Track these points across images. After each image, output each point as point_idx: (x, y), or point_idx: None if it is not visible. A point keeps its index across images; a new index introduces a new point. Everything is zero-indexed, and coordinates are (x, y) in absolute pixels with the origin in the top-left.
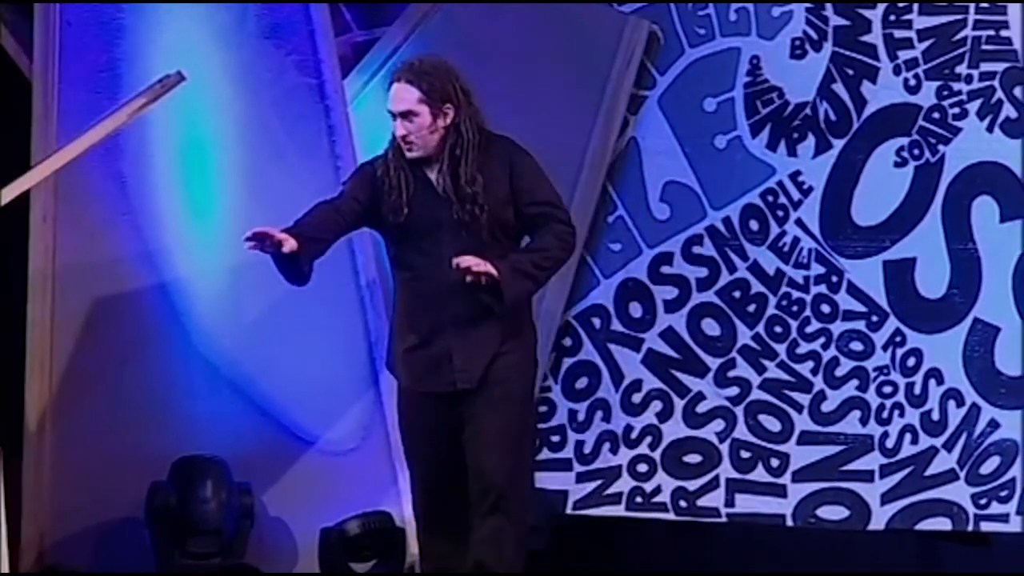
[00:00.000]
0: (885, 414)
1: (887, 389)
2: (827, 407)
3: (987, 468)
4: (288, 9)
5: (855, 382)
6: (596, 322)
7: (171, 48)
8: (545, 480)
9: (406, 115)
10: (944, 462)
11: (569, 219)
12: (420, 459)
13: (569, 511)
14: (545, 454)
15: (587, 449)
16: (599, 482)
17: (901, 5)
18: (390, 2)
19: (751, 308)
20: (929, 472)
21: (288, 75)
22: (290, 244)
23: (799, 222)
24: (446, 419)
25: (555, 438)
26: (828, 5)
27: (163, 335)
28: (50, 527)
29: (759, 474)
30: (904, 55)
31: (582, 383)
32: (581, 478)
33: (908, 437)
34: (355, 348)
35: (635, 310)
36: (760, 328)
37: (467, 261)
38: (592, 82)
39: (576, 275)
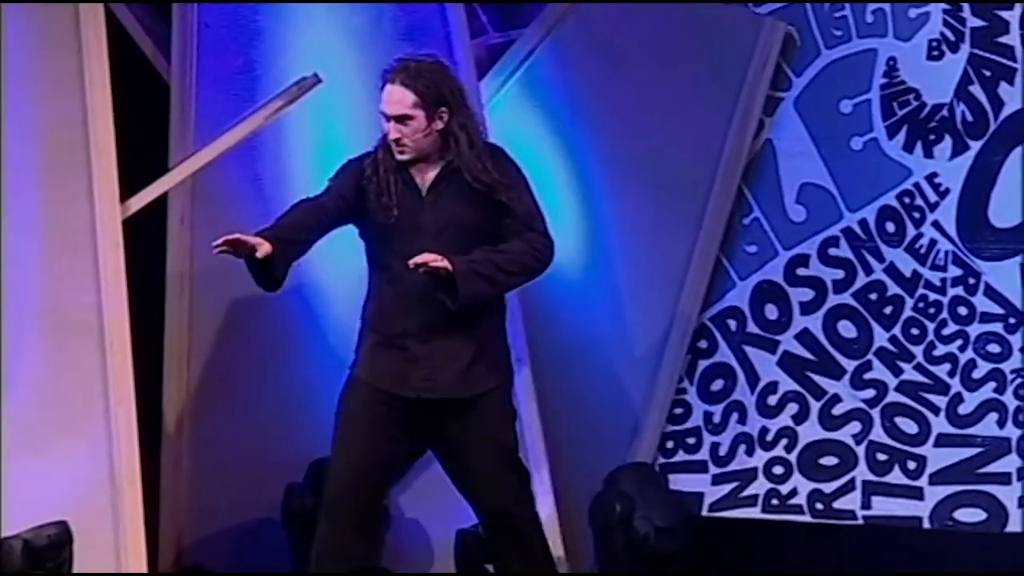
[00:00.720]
0: (1022, 416)
1: None
2: (964, 409)
3: None
4: (424, 11)
5: (992, 384)
6: (732, 324)
7: (308, 50)
8: (680, 482)
9: (400, 118)
10: None
11: (546, 231)
12: (355, 450)
13: (704, 513)
14: (680, 456)
15: (723, 451)
16: (735, 484)
17: None
18: (530, 1)
19: (887, 310)
20: None
21: None
22: (264, 249)
23: (936, 224)
24: (397, 420)
25: (690, 440)
26: (965, 6)
27: (300, 337)
28: (188, 527)
29: (896, 477)
30: None
31: (718, 385)
32: (717, 480)
33: None
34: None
35: (771, 312)
36: (896, 330)
37: (423, 258)
38: (728, 84)
39: (712, 277)
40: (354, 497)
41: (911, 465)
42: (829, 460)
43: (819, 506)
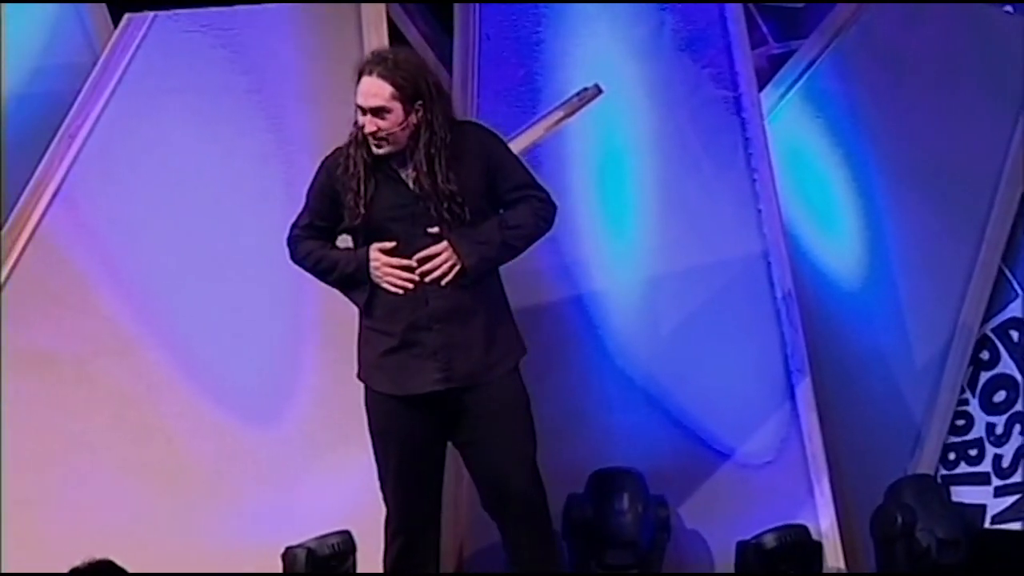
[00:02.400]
0: None
1: None
2: None
3: None
4: (704, 22)
5: None
6: (1014, 335)
7: (588, 61)
8: (962, 494)
9: (377, 111)
10: None
11: (547, 196)
12: (397, 468)
13: (987, 525)
14: (962, 468)
15: (1005, 463)
16: (1018, 496)
17: None
18: (816, 1)
19: None
20: None
21: (704, 88)
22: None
23: None
24: (426, 422)
25: (972, 452)
26: None
27: (579, 347)
28: (469, 537)
29: None
30: None
31: (1000, 396)
32: (999, 492)
33: None
34: (771, 360)
35: None
36: None
37: (426, 268)
38: (1012, 91)
39: (994, 287)
40: (411, 510)
41: None
42: None
43: None
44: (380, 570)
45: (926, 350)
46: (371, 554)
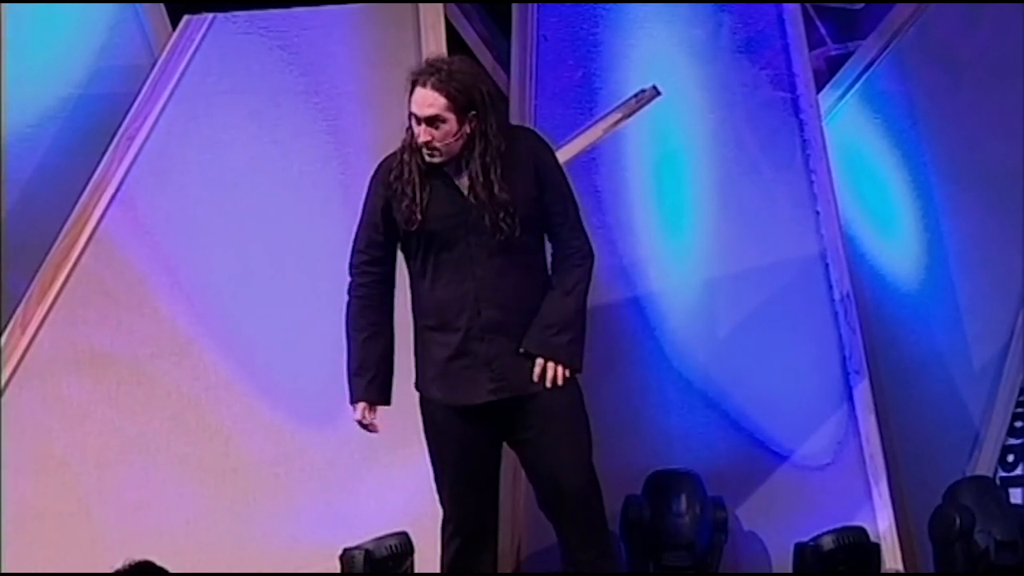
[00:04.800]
0: None
1: None
2: None
3: None
4: (763, 23)
5: None
6: None
7: (645, 62)
8: (1021, 496)
9: (432, 121)
10: None
11: (576, 223)
12: (453, 475)
13: None
14: (1021, 470)
15: None
16: None
17: None
18: (875, 2)
19: None
20: None
21: (762, 89)
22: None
23: None
24: (480, 428)
25: None
26: None
27: (637, 349)
28: (526, 537)
29: None
30: None
31: None
32: None
33: None
34: (828, 362)
35: None
36: None
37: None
38: None
39: None
40: (468, 514)
41: None
42: None
43: None
44: (437, 571)
45: (984, 351)
46: (429, 556)
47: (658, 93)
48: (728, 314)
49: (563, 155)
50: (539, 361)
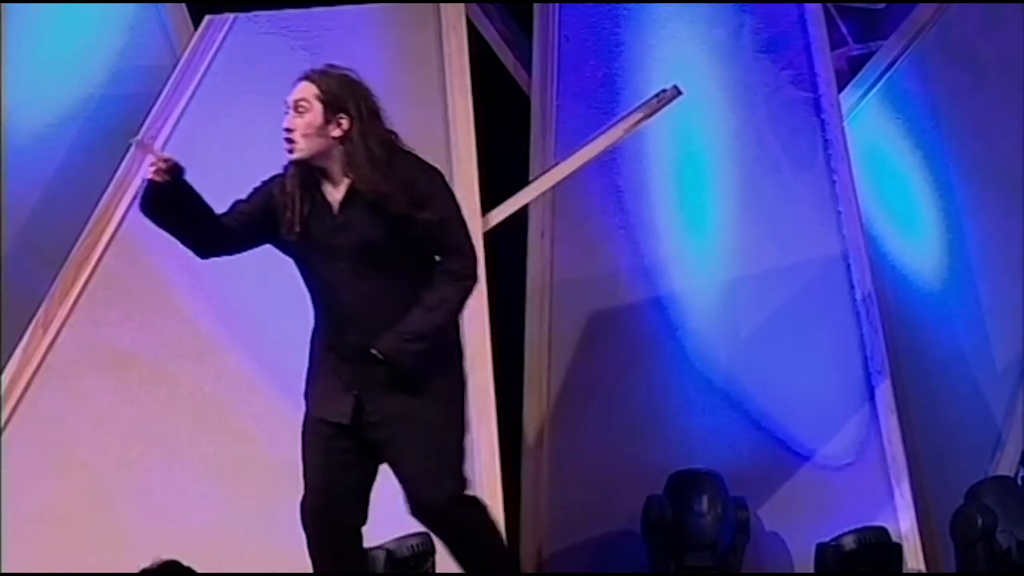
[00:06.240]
0: None
1: None
2: None
3: None
4: (784, 23)
5: None
6: None
7: (667, 62)
8: None
9: (297, 105)
10: None
11: (462, 247)
12: (310, 485)
13: None
14: None
15: None
16: None
17: None
18: (896, 2)
19: None
20: None
21: (783, 89)
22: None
23: None
24: (346, 447)
25: None
26: None
27: (658, 349)
28: (548, 538)
29: None
30: None
31: None
32: None
33: None
34: (850, 362)
35: None
36: None
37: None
38: None
39: None
40: (324, 523)
41: None
42: None
43: None
44: (459, 568)
45: (1007, 351)
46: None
47: (679, 93)
48: (750, 314)
49: (584, 156)
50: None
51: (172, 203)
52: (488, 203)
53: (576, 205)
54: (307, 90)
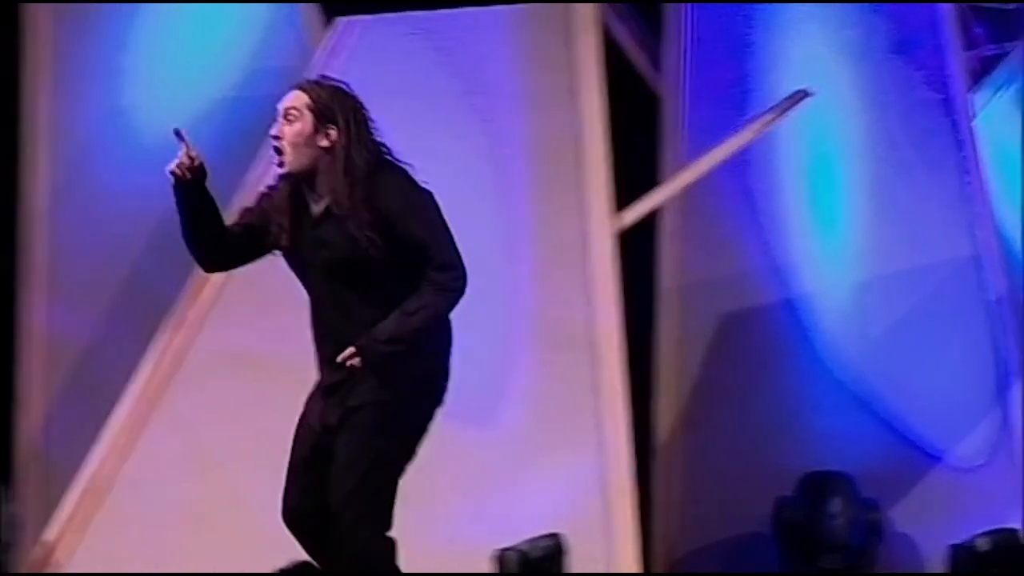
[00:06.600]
0: None
1: None
2: None
3: None
4: (916, 24)
5: None
6: None
7: (798, 64)
8: None
9: (287, 113)
10: None
11: (451, 263)
12: (286, 484)
13: None
14: None
15: None
16: None
17: None
18: None
19: None
20: None
21: (916, 90)
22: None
23: None
24: (316, 452)
25: None
26: None
27: (790, 350)
28: (680, 539)
29: None
30: None
31: None
32: None
33: None
34: (982, 363)
35: None
36: None
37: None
38: None
39: None
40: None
41: None
42: None
43: None
44: (592, 571)
45: None
46: (582, 557)
47: (810, 94)
48: (881, 315)
49: (715, 157)
50: (350, 352)
51: (189, 205)
52: (619, 205)
53: (707, 206)
54: (298, 99)
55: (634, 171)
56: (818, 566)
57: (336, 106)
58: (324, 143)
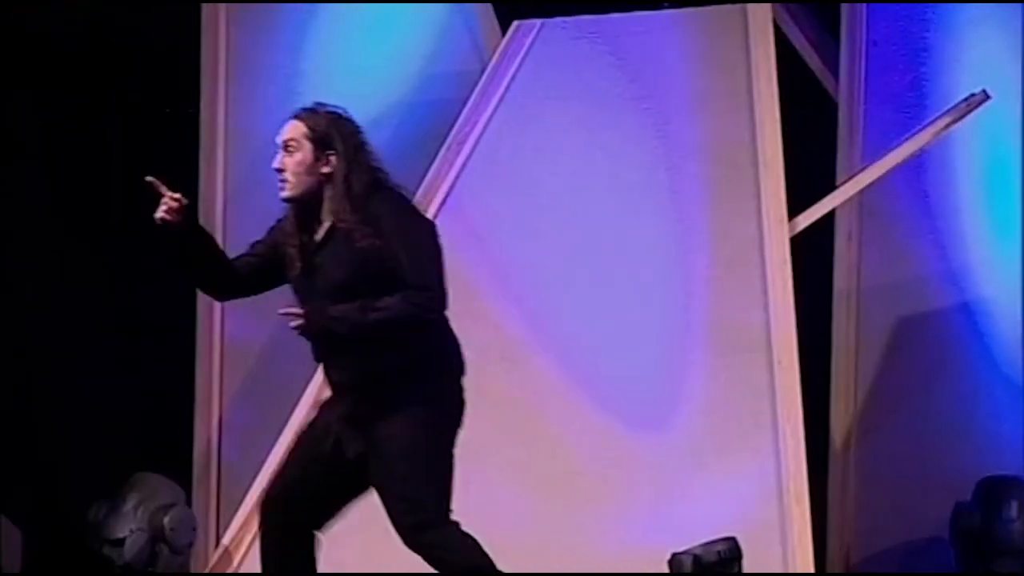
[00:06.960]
0: None
1: None
2: None
3: None
4: None
5: None
6: None
7: (975, 66)
8: None
9: (287, 145)
10: None
11: (426, 285)
12: (279, 472)
13: None
14: None
15: None
16: None
17: None
18: None
19: None
20: None
21: None
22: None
23: None
24: (320, 459)
25: None
26: None
27: (967, 354)
28: (855, 543)
29: None
30: None
31: None
32: None
33: None
34: None
35: None
36: None
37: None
38: None
39: None
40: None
41: None
42: None
43: None
44: (767, 570)
45: None
46: (757, 561)
47: (987, 97)
48: None
49: (892, 160)
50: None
51: (184, 245)
52: (794, 208)
53: (883, 209)
54: (296, 129)
55: (809, 174)
56: (995, 571)
57: (334, 132)
58: (326, 169)
